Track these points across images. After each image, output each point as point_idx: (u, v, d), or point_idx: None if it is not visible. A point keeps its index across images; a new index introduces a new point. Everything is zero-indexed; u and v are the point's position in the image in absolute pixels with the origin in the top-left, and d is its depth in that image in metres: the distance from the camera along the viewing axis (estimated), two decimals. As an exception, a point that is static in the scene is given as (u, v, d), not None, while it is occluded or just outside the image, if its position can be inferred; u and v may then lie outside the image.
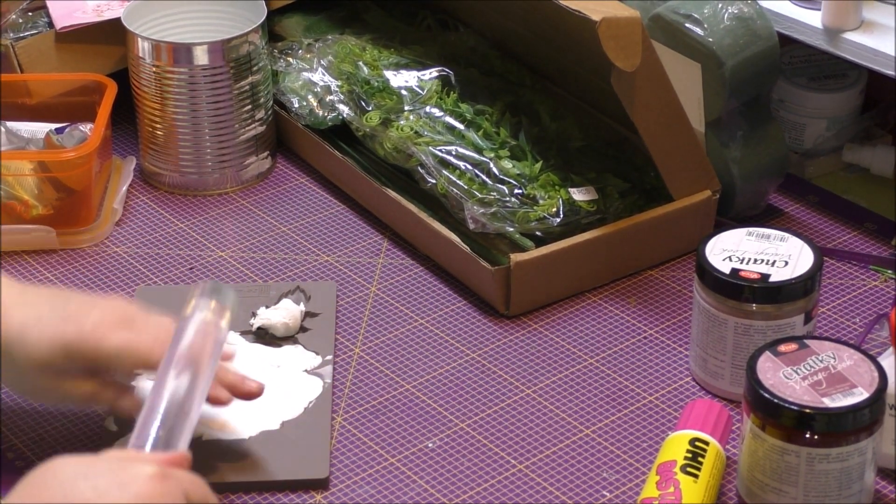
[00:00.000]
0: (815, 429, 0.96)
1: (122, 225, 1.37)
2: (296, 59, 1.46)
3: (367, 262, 1.31)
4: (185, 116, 1.38)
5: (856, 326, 1.21)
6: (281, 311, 1.20)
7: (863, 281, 1.27)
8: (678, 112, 1.24)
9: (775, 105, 1.43)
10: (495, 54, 1.47)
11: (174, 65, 1.36)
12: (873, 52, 1.25)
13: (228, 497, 1.04)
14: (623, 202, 1.28)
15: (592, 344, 1.20)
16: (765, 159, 1.32)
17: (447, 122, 1.33)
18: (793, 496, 0.98)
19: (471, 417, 1.12)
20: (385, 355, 1.19)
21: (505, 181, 1.26)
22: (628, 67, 1.17)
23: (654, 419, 1.12)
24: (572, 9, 1.16)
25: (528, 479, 1.06)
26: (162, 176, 1.42)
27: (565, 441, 1.10)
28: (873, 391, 0.97)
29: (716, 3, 1.26)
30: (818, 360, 1.00)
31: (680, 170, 1.27)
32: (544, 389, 1.15)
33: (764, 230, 1.14)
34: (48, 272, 1.30)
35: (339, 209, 1.39)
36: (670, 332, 1.21)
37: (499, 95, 1.38)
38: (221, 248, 1.33)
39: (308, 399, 1.13)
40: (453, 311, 1.24)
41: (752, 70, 1.26)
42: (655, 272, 1.29)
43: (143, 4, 1.42)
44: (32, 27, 1.46)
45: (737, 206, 1.33)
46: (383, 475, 1.06)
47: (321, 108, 1.41)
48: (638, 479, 1.06)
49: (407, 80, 1.38)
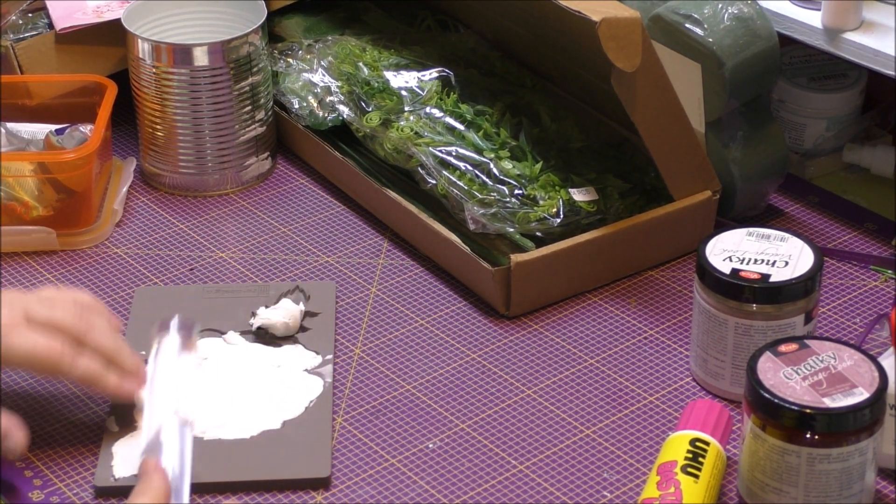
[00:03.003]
0: (816, 429, 0.96)
1: (123, 226, 1.37)
2: (296, 60, 1.46)
3: (367, 263, 1.31)
4: (185, 117, 1.38)
5: (856, 326, 1.21)
6: (281, 311, 1.20)
7: (863, 281, 1.27)
8: (678, 112, 1.24)
9: (775, 105, 1.43)
10: (495, 55, 1.47)
11: (174, 66, 1.36)
12: (873, 52, 1.25)
13: (229, 497, 1.05)
14: (623, 203, 1.28)
15: (593, 344, 1.20)
16: (765, 160, 1.32)
17: (447, 123, 1.33)
18: (793, 496, 0.98)
19: (471, 418, 1.12)
20: (385, 356, 1.19)
21: (505, 182, 1.26)
22: (628, 68, 1.17)
23: (654, 419, 1.12)
24: (572, 9, 1.16)
25: (528, 479, 1.06)
26: (162, 177, 1.42)
27: (566, 441, 1.10)
28: (874, 391, 0.97)
29: (716, 3, 1.26)
30: (819, 360, 1.00)
31: (680, 170, 1.27)
32: (544, 390, 1.15)
33: (764, 230, 1.14)
34: (48, 273, 1.30)
35: (339, 210, 1.39)
36: (670, 333, 1.21)
37: (499, 96, 1.38)
38: (221, 248, 1.33)
39: (309, 398, 1.13)
40: (453, 311, 1.24)
41: (752, 70, 1.26)
42: (656, 272, 1.29)
43: (143, 5, 1.42)
44: (32, 28, 1.46)
45: (737, 207, 1.33)
46: (384, 475, 1.06)
47: (321, 109, 1.41)
48: (638, 480, 1.06)
49: (407, 81, 1.38)
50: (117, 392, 1.06)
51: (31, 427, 1.11)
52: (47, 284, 1.28)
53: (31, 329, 1.04)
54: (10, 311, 1.04)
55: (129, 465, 1.06)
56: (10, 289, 1.12)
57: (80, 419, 1.12)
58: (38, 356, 1.04)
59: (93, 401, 1.12)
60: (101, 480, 1.05)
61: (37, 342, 1.04)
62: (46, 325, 1.05)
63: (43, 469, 1.07)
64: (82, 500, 1.05)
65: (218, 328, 1.20)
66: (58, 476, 1.06)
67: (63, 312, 1.06)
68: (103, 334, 1.07)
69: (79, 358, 1.05)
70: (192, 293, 1.25)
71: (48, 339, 1.04)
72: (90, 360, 1.05)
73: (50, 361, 1.04)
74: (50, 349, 1.04)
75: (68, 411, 1.12)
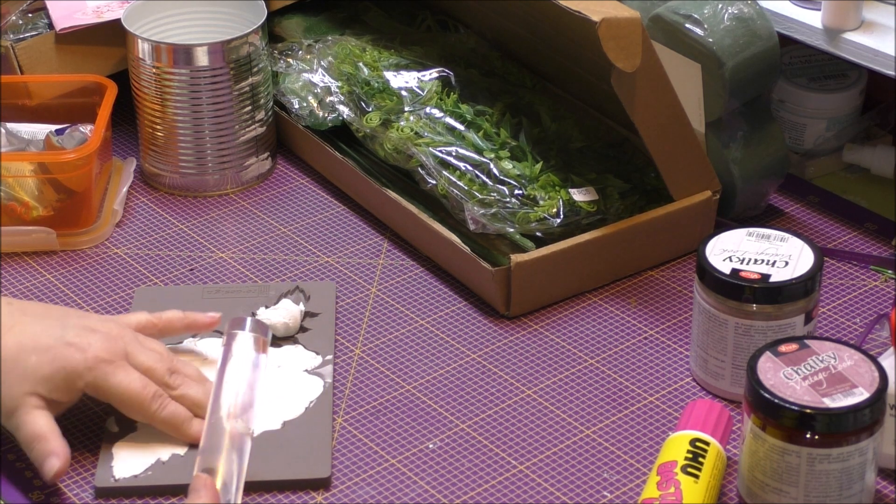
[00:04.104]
0: (816, 429, 0.96)
1: (123, 226, 1.37)
2: (296, 61, 1.46)
3: (367, 263, 1.31)
4: (185, 118, 1.38)
5: (856, 326, 1.21)
6: (281, 311, 1.20)
7: (863, 281, 1.27)
8: (678, 113, 1.24)
9: (775, 105, 1.44)
10: (495, 55, 1.47)
11: (174, 66, 1.36)
12: (873, 52, 1.25)
13: (229, 498, 1.05)
14: (623, 203, 1.28)
15: (593, 344, 1.20)
16: (765, 160, 1.32)
17: (447, 123, 1.33)
18: (793, 496, 0.98)
19: (471, 418, 1.12)
20: (385, 356, 1.19)
21: (505, 182, 1.26)
22: (628, 68, 1.17)
23: (654, 419, 1.12)
24: (572, 9, 1.16)
25: (528, 479, 1.06)
26: (162, 177, 1.42)
27: (566, 442, 1.10)
28: (874, 391, 0.97)
29: (716, 3, 1.26)
30: (819, 360, 1.00)
31: (680, 170, 1.27)
32: (545, 390, 1.15)
33: (764, 230, 1.14)
34: (48, 274, 1.30)
35: (339, 210, 1.39)
36: (670, 333, 1.21)
37: (499, 96, 1.38)
38: (221, 249, 1.33)
39: (309, 399, 1.13)
40: (454, 311, 1.24)
41: (752, 70, 1.26)
42: (656, 273, 1.29)
43: (143, 5, 1.42)
44: (32, 28, 1.46)
45: (737, 207, 1.33)
46: (384, 476, 1.06)
47: (321, 109, 1.41)
48: (638, 480, 1.06)
49: (407, 81, 1.38)
50: (197, 440, 1.07)
51: (32, 427, 1.11)
52: (47, 285, 1.27)
53: (130, 369, 1.06)
54: (113, 346, 1.07)
55: (130, 465, 1.06)
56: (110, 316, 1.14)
57: (80, 419, 1.11)
58: (131, 396, 1.06)
59: (93, 401, 1.12)
60: (101, 481, 1.05)
61: (131, 382, 1.06)
62: (144, 370, 1.07)
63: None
64: (82, 500, 1.05)
65: (218, 329, 1.20)
66: (58, 476, 1.07)
67: (161, 363, 1.08)
68: (194, 386, 1.09)
69: (167, 404, 1.07)
70: (192, 293, 1.25)
71: (143, 382, 1.06)
72: (176, 407, 1.07)
73: (139, 404, 1.06)
74: (143, 391, 1.06)
75: (68, 411, 1.12)
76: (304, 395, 1.13)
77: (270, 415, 1.11)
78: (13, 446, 1.09)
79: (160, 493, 1.05)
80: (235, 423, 1.05)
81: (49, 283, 1.28)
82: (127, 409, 1.07)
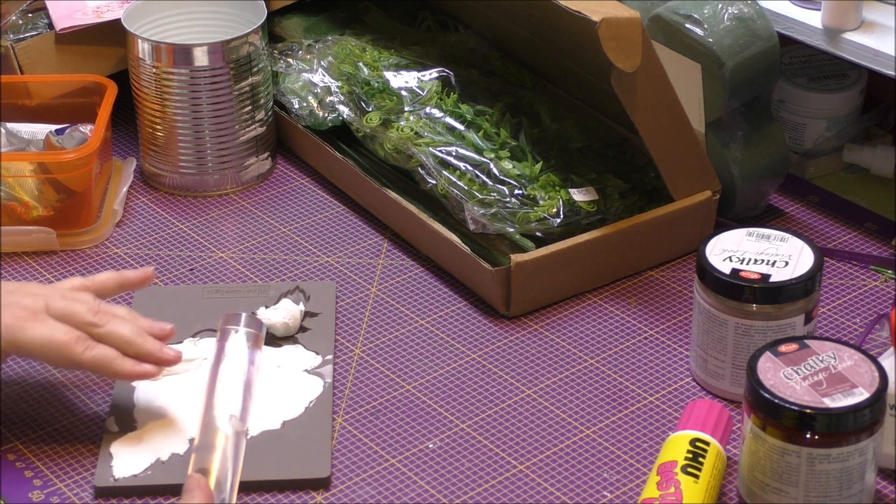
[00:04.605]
0: (816, 429, 0.96)
1: (123, 226, 1.37)
2: (296, 60, 1.46)
3: (367, 263, 1.31)
4: (185, 117, 1.38)
5: (856, 326, 1.21)
6: (280, 311, 1.20)
7: (863, 281, 1.27)
8: (678, 112, 1.24)
9: (775, 105, 1.44)
10: (495, 55, 1.47)
11: (174, 66, 1.36)
12: (873, 52, 1.25)
13: (229, 498, 1.05)
14: (623, 203, 1.28)
15: (593, 344, 1.20)
16: (765, 160, 1.32)
17: (447, 123, 1.33)
18: (793, 496, 0.98)
19: (471, 418, 1.12)
20: (385, 356, 1.19)
21: (505, 182, 1.26)
22: (628, 68, 1.17)
23: (654, 419, 1.12)
24: (572, 9, 1.16)
25: (528, 479, 1.06)
26: (162, 177, 1.42)
27: (566, 441, 1.10)
28: (874, 391, 0.97)
29: (716, 3, 1.26)
30: (819, 360, 1.00)
31: (680, 170, 1.27)
32: (545, 390, 1.15)
33: (764, 230, 1.14)
34: (48, 273, 1.30)
35: (339, 210, 1.39)
36: (670, 333, 1.21)
37: (499, 96, 1.38)
38: (221, 248, 1.33)
39: (309, 399, 1.13)
40: (454, 311, 1.24)
41: (752, 70, 1.26)
42: (656, 272, 1.29)
43: (143, 5, 1.42)
44: (32, 28, 1.46)
45: (737, 207, 1.33)
46: (384, 476, 1.06)
47: (321, 109, 1.41)
48: (638, 480, 1.06)
49: (407, 81, 1.38)
50: (132, 374, 1.06)
51: (32, 428, 1.11)
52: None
53: (49, 320, 1.05)
54: (32, 302, 1.06)
55: (129, 465, 1.06)
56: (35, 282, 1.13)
57: (80, 419, 1.12)
58: (53, 345, 1.05)
59: (93, 401, 1.13)
60: (101, 480, 1.05)
61: (53, 332, 1.05)
62: (64, 316, 1.06)
63: (43, 469, 1.07)
64: (82, 500, 1.05)
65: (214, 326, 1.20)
66: (58, 476, 1.06)
67: (81, 305, 1.07)
68: (122, 324, 1.07)
69: (92, 346, 1.05)
70: (192, 293, 1.25)
71: (64, 329, 1.05)
72: (103, 349, 1.06)
73: (63, 350, 1.05)
74: (64, 336, 1.05)
75: (68, 411, 1.12)
76: (304, 395, 1.13)
77: (270, 414, 1.11)
78: (13, 446, 1.09)
79: (160, 493, 1.04)
80: (230, 421, 1.05)
81: (49, 283, 1.28)
82: (52, 359, 1.06)
